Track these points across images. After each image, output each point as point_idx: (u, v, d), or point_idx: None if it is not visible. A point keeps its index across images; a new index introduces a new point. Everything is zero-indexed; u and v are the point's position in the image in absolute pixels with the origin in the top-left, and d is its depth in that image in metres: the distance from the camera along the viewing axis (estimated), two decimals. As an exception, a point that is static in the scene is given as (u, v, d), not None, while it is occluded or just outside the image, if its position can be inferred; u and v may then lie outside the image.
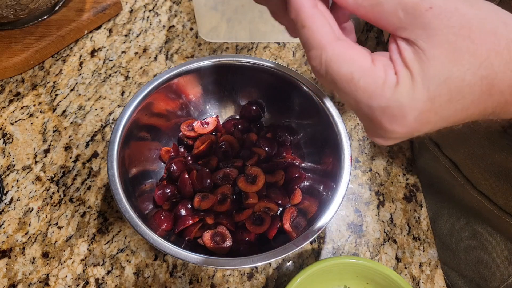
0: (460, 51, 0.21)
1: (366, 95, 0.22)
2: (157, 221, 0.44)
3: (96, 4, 0.66)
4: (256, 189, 0.47)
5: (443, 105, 0.21)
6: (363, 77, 0.22)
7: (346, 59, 0.22)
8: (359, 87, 0.22)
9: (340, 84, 0.22)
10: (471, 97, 0.21)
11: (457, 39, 0.21)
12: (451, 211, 0.53)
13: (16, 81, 0.61)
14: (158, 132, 0.51)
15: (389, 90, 0.21)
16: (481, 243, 0.49)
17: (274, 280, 0.47)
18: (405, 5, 0.21)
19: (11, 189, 0.51)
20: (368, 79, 0.22)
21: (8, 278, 0.46)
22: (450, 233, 0.53)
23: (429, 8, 0.21)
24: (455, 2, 0.21)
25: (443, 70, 0.21)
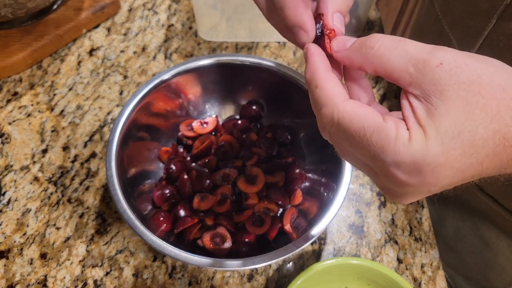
0: (471, 106, 0.21)
1: (380, 150, 0.22)
2: (156, 222, 0.44)
3: (94, 3, 0.65)
4: (256, 190, 0.46)
5: (458, 159, 0.21)
6: (375, 132, 0.22)
7: (357, 114, 0.23)
8: (372, 141, 0.22)
9: (353, 140, 0.23)
10: (485, 150, 0.21)
11: (468, 94, 0.21)
12: (456, 213, 0.53)
13: (14, 81, 0.60)
14: (157, 132, 0.50)
15: (403, 145, 0.22)
16: (487, 245, 0.49)
17: (274, 282, 0.47)
18: (416, 61, 0.22)
19: (9, 189, 0.51)
20: (381, 134, 0.22)
21: (6, 279, 0.45)
22: (455, 235, 0.53)
23: (439, 64, 0.21)
24: (464, 58, 0.22)
25: (456, 125, 0.21)
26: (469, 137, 0.21)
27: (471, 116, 0.21)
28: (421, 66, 0.22)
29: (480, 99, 0.21)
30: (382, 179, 0.24)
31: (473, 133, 0.21)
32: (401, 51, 0.22)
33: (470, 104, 0.21)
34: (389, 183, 0.24)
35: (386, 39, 0.23)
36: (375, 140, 0.22)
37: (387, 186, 0.24)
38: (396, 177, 0.23)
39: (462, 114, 0.21)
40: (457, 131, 0.21)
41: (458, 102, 0.21)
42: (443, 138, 0.21)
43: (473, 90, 0.21)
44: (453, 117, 0.21)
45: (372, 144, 0.22)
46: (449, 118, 0.21)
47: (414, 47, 0.22)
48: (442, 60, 0.21)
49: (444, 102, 0.21)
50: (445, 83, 0.21)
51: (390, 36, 0.23)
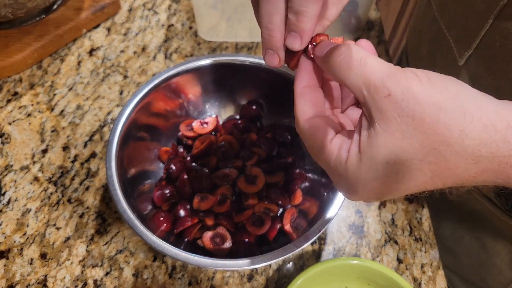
0: (409, 140, 0.22)
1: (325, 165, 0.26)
2: (156, 222, 0.44)
3: (94, 3, 0.65)
4: (256, 190, 0.46)
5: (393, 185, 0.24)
6: (320, 151, 0.26)
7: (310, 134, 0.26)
8: (319, 158, 0.26)
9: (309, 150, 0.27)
10: (422, 178, 0.23)
11: (408, 128, 0.22)
12: (453, 215, 0.53)
13: (14, 81, 0.60)
14: (157, 132, 0.50)
15: (340, 166, 0.25)
16: (484, 246, 0.49)
17: (274, 282, 0.47)
18: (369, 85, 0.23)
19: (9, 189, 0.51)
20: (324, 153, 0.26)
21: (6, 279, 0.45)
22: (452, 236, 0.53)
23: (387, 95, 0.22)
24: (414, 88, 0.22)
25: (390, 156, 0.23)
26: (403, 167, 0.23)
27: (407, 148, 0.22)
28: (372, 92, 0.23)
29: (419, 134, 0.22)
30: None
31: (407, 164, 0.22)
32: (359, 72, 0.23)
33: (409, 137, 0.22)
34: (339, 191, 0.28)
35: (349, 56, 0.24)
36: (321, 157, 0.26)
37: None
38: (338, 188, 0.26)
39: (399, 146, 0.22)
40: (392, 161, 0.23)
41: (398, 134, 0.22)
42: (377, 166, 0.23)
43: (414, 124, 0.22)
44: (390, 148, 0.23)
45: (319, 160, 0.26)
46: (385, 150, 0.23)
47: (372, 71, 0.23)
48: (391, 92, 0.22)
49: (385, 131, 0.23)
50: (390, 114, 0.22)
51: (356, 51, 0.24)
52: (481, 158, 0.22)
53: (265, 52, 0.28)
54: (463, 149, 0.22)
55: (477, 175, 0.22)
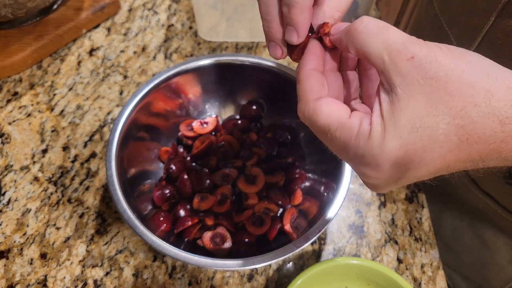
0: (434, 102, 0.21)
1: (342, 145, 0.24)
2: (156, 222, 0.44)
3: (94, 3, 0.65)
4: (256, 190, 0.46)
5: (418, 153, 0.22)
6: (338, 129, 0.24)
7: (323, 113, 0.24)
8: (335, 137, 0.24)
9: (319, 135, 0.25)
10: (448, 145, 0.22)
11: (433, 90, 0.21)
12: (454, 212, 0.53)
13: (14, 81, 0.60)
14: (157, 132, 0.50)
15: (363, 140, 0.23)
16: (485, 244, 0.49)
17: (274, 282, 0.47)
18: (391, 50, 0.22)
19: (9, 189, 0.51)
20: (344, 130, 0.24)
21: (6, 279, 0.45)
22: (453, 234, 0.53)
23: (410, 58, 0.22)
24: (437, 53, 0.22)
25: (415, 119, 0.22)
26: (428, 132, 0.21)
27: (432, 111, 0.21)
28: (394, 56, 0.22)
29: (444, 96, 0.21)
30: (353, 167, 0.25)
31: (433, 129, 0.21)
32: (381, 38, 0.23)
33: (434, 99, 0.21)
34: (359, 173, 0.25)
35: (371, 23, 0.24)
36: (338, 136, 0.24)
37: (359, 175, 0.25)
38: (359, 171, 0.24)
39: (423, 109, 0.21)
40: (416, 126, 0.21)
41: (421, 97, 0.21)
42: (401, 132, 0.22)
43: (438, 86, 0.21)
44: (414, 111, 0.22)
45: (336, 139, 0.24)
46: (409, 112, 0.22)
47: (393, 36, 0.23)
48: (414, 54, 0.22)
49: (408, 95, 0.22)
50: (412, 77, 0.22)
51: (376, 21, 0.24)
52: (508, 120, 0.21)
53: (268, 44, 0.28)
54: (490, 110, 0.21)
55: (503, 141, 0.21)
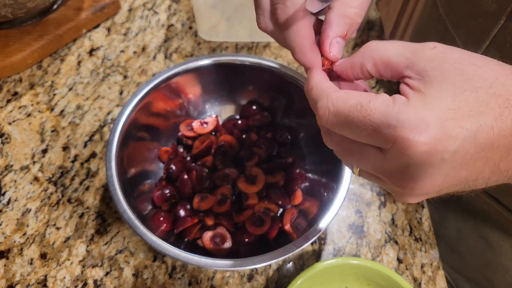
0: (468, 74, 0.21)
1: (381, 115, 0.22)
2: (156, 222, 0.44)
3: (94, 3, 0.65)
4: (256, 190, 0.46)
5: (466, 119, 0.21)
6: (371, 101, 0.22)
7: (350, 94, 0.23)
8: (371, 109, 0.22)
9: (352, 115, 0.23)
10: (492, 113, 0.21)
11: (463, 66, 0.22)
12: (458, 214, 0.53)
13: (14, 81, 0.60)
14: (157, 132, 0.50)
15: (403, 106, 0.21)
16: (490, 246, 0.49)
17: (274, 282, 0.47)
18: (411, 48, 0.23)
19: (9, 189, 0.51)
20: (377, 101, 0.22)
21: (6, 279, 0.45)
22: (457, 236, 0.53)
23: (433, 48, 0.23)
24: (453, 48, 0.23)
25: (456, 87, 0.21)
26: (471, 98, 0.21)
27: (469, 82, 0.21)
28: (417, 50, 0.23)
29: (476, 69, 0.22)
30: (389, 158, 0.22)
31: (474, 96, 0.21)
32: (396, 44, 0.24)
33: (467, 72, 0.21)
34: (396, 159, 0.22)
35: (380, 41, 0.25)
36: (373, 107, 0.22)
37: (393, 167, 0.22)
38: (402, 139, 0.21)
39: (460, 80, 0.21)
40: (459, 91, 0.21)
41: (455, 71, 0.22)
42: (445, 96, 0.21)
43: (468, 62, 0.22)
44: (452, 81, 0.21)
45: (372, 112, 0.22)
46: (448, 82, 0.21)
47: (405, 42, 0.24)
48: (436, 45, 0.23)
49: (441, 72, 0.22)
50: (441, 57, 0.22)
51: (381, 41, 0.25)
52: None
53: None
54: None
55: None
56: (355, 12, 0.27)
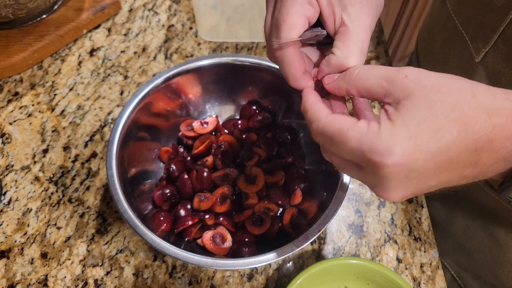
0: (432, 101, 0.25)
1: (356, 141, 0.27)
2: (156, 222, 0.44)
3: (95, 3, 0.65)
4: (256, 190, 0.46)
5: (426, 144, 0.25)
6: (350, 128, 0.27)
7: (336, 120, 0.28)
8: (349, 136, 0.27)
9: (336, 138, 0.28)
10: (449, 136, 0.25)
11: (430, 93, 0.25)
12: (465, 211, 0.53)
13: (14, 81, 0.60)
14: (157, 132, 0.51)
15: (373, 134, 0.26)
16: (497, 243, 0.48)
17: (274, 281, 0.47)
18: (387, 77, 0.27)
19: (9, 189, 0.51)
20: (355, 129, 0.27)
21: (7, 278, 0.46)
22: (465, 234, 0.53)
23: (405, 77, 0.26)
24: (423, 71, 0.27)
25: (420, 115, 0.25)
26: (432, 125, 0.25)
27: (433, 108, 0.25)
28: (391, 79, 0.27)
29: (440, 96, 0.25)
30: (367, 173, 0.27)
31: (436, 122, 0.25)
32: (375, 73, 0.28)
33: (432, 100, 0.25)
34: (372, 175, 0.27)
35: (363, 67, 0.29)
36: (351, 134, 0.27)
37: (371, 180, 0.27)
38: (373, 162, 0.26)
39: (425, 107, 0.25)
40: (422, 119, 0.25)
41: (422, 100, 0.25)
42: (409, 125, 0.25)
43: (433, 90, 0.25)
44: (418, 110, 0.25)
45: (350, 138, 0.27)
46: (414, 110, 0.25)
47: (384, 69, 0.28)
48: (407, 73, 0.26)
49: (410, 102, 0.26)
50: (410, 88, 0.26)
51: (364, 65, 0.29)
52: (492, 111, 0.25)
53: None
54: (478, 104, 0.25)
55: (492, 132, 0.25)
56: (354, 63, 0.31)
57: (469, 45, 0.45)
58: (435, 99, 0.25)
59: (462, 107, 0.25)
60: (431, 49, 0.56)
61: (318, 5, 0.31)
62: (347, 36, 0.31)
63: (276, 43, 0.31)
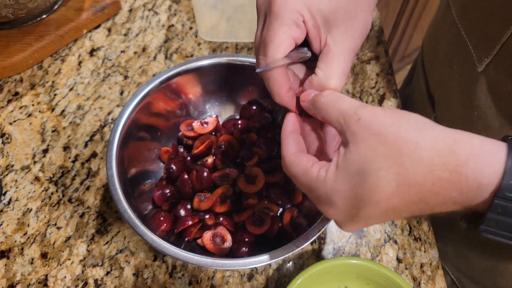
0: (376, 154, 0.26)
1: (307, 188, 0.30)
2: (156, 222, 0.44)
3: (95, 3, 0.65)
4: (256, 190, 0.46)
5: (365, 193, 0.26)
6: (302, 176, 0.30)
7: (294, 164, 0.31)
8: (302, 182, 0.30)
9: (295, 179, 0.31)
10: (389, 188, 0.26)
11: (375, 144, 0.26)
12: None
13: (14, 81, 0.60)
14: (157, 132, 0.51)
15: (319, 183, 0.28)
16: (497, 248, 0.48)
17: (274, 281, 0.47)
18: (344, 114, 0.28)
19: (9, 189, 0.51)
20: (305, 176, 0.30)
21: (7, 278, 0.46)
22: (464, 240, 0.53)
23: (358, 120, 0.27)
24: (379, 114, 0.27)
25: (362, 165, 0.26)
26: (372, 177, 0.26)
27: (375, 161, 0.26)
28: (347, 119, 0.28)
29: (384, 148, 0.26)
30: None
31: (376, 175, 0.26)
32: (337, 107, 0.29)
33: (376, 151, 0.26)
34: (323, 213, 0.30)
35: (330, 95, 0.30)
36: (303, 181, 0.30)
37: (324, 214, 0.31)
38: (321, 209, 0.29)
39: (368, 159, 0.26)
40: (363, 172, 0.26)
41: (367, 150, 0.27)
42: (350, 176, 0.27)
43: (380, 140, 0.26)
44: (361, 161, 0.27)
45: (302, 184, 0.30)
46: (357, 162, 0.27)
47: (346, 105, 0.29)
48: (361, 116, 0.27)
49: (357, 148, 0.27)
50: (360, 134, 0.27)
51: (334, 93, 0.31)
52: (435, 166, 0.25)
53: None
54: (420, 158, 0.25)
55: (435, 185, 0.25)
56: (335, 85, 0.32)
57: (472, 54, 0.45)
58: (379, 151, 0.26)
59: (403, 162, 0.25)
60: (436, 54, 0.55)
61: (305, 27, 0.32)
62: (329, 58, 0.32)
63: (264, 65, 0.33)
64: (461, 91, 0.48)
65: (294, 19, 0.32)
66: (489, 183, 0.25)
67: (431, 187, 0.25)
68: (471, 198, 0.25)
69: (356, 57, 0.66)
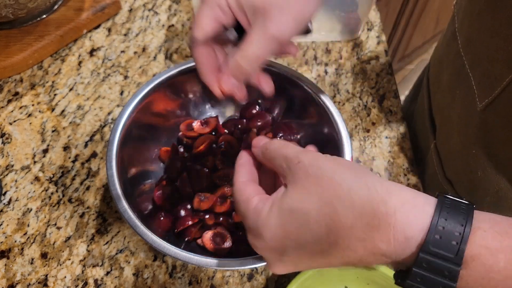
0: (311, 194, 0.27)
1: (242, 216, 0.31)
2: (156, 222, 0.44)
3: (95, 3, 0.65)
4: (256, 190, 0.46)
5: (294, 233, 0.27)
6: (242, 203, 0.31)
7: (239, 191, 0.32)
8: (238, 209, 0.32)
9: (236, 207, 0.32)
10: (319, 230, 0.26)
11: (310, 185, 0.27)
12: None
13: (14, 81, 0.60)
14: (157, 132, 0.51)
15: (254, 214, 0.30)
16: None
17: (274, 281, 0.47)
18: (286, 159, 0.30)
19: (9, 189, 0.51)
20: (244, 204, 0.31)
21: (7, 278, 0.46)
22: None
23: (297, 163, 0.29)
24: (319, 159, 0.28)
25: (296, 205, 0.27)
26: (303, 216, 0.27)
27: (308, 201, 0.27)
28: (288, 162, 0.30)
29: (318, 189, 0.27)
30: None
31: (307, 215, 0.27)
32: (281, 153, 0.31)
33: (311, 192, 0.27)
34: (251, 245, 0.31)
35: (276, 144, 0.32)
36: (241, 208, 0.31)
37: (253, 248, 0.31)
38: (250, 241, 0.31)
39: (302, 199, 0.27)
40: (295, 211, 0.27)
41: (302, 190, 0.28)
42: (282, 214, 0.28)
43: (315, 182, 0.27)
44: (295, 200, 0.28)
45: (239, 211, 0.31)
46: (291, 200, 0.28)
47: (290, 150, 0.30)
48: (301, 160, 0.29)
49: (293, 188, 0.28)
50: (299, 176, 0.28)
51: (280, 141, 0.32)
52: (365, 213, 0.25)
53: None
54: (351, 203, 0.26)
55: (364, 233, 0.25)
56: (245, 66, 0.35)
57: (474, 90, 0.43)
58: (313, 192, 0.27)
59: (335, 204, 0.26)
60: (440, 80, 0.53)
61: (230, 11, 0.34)
62: (247, 40, 0.34)
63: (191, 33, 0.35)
64: (461, 124, 0.46)
65: (218, 2, 0.34)
66: (414, 237, 0.24)
67: (360, 233, 0.25)
68: (400, 252, 0.25)
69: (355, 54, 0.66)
